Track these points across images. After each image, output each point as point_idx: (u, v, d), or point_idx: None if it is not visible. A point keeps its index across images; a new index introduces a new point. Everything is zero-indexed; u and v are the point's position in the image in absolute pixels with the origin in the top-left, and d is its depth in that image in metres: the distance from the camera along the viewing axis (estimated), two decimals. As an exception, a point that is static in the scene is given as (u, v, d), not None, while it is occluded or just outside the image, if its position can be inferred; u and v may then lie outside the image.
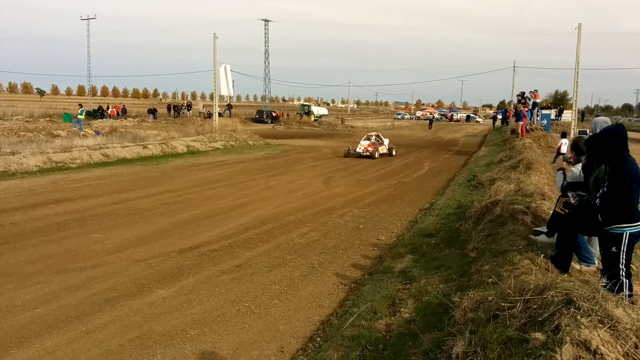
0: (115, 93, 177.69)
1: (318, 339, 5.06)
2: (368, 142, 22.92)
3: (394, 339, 4.60)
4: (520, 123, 24.08)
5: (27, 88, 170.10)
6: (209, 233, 8.92)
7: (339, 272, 7.11)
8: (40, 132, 26.49)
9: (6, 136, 24.06)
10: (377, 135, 24.47)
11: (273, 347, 4.91)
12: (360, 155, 22.03)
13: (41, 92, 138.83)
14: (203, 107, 63.14)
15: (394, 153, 23.68)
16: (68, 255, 7.43)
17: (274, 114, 56.70)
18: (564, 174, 6.07)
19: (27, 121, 38.43)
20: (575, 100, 27.00)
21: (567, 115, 47.90)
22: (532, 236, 6.22)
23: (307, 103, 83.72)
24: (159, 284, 6.43)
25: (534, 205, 7.74)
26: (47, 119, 41.49)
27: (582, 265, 5.35)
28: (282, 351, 4.86)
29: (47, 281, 6.38)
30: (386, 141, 24.10)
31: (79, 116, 29.44)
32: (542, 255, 5.04)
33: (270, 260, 7.57)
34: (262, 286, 6.50)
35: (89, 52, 65.29)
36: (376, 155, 22.06)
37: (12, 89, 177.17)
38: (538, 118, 30.37)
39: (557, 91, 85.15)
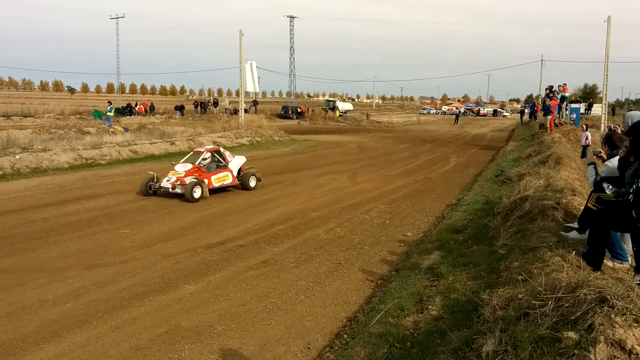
0: (144, 90, 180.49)
1: (345, 335, 5.04)
2: (189, 166, 12.00)
3: (421, 336, 4.55)
4: (549, 117, 23.56)
5: (58, 86, 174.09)
6: (235, 229, 8.98)
7: (365, 269, 7.07)
8: (70, 129, 27.04)
9: (38, 133, 24.65)
10: (216, 153, 12.84)
11: (299, 344, 4.91)
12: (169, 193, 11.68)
13: (72, 90, 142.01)
14: (229, 103, 63.62)
15: (252, 184, 12.88)
16: (98, 251, 7.57)
17: (299, 110, 56.76)
18: (596, 168, 5.91)
19: (58, 118, 39.31)
20: (605, 94, 26.32)
21: (597, 109, 46.70)
22: (563, 232, 6.07)
23: (332, 99, 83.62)
24: (187, 279, 6.50)
25: (564, 201, 7.55)
26: (78, 116, 42.37)
27: (615, 263, 5.19)
28: (309, 348, 4.86)
29: (78, 276, 6.51)
30: (237, 161, 13.09)
31: (108, 113, 30.00)
32: (574, 252, 4.90)
33: (296, 256, 7.58)
34: (288, 282, 6.51)
35: (117, 50, 66.38)
36: (197, 196, 11.20)
37: (43, 87, 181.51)
38: (567, 112, 29.70)
39: (586, 85, 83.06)
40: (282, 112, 55.90)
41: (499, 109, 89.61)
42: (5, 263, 6.93)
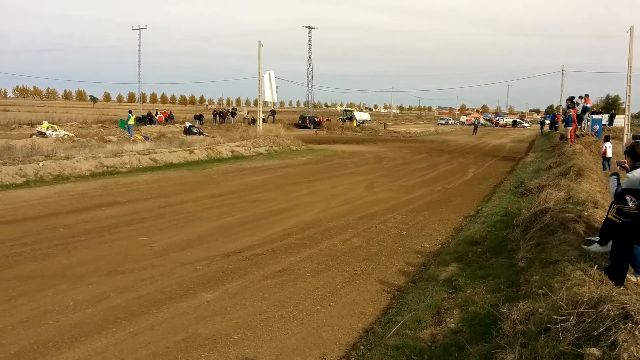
0: (164, 99, 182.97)
1: (361, 347, 5.00)
2: None
3: (439, 349, 4.50)
4: (570, 128, 23.28)
5: (81, 95, 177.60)
6: (252, 237, 9.01)
7: (382, 279, 7.03)
8: (92, 138, 27.52)
9: (61, 141, 25.14)
10: None
11: (316, 354, 4.89)
12: None
13: (94, 99, 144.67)
14: (247, 112, 64.14)
15: None
16: (118, 257, 7.65)
17: (316, 120, 57.00)
18: (618, 179, 5.82)
19: (81, 127, 40.04)
20: (628, 105, 25.96)
21: (620, 121, 45.98)
22: (585, 246, 5.98)
23: (349, 108, 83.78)
24: (204, 287, 6.53)
25: (585, 213, 7.45)
26: (99, 124, 43.12)
27: (638, 278, 5.09)
28: (325, 359, 4.83)
29: (98, 282, 6.59)
30: None
31: (128, 122, 30.45)
32: (596, 266, 4.83)
33: (312, 265, 7.57)
34: (304, 292, 6.51)
35: (139, 60, 67.48)
36: None
37: (67, 96, 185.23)
38: (589, 123, 29.31)
39: (608, 95, 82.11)
40: (300, 121, 56.20)
41: (518, 120, 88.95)
42: (28, 268, 7.05)
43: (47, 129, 30.85)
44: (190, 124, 38.14)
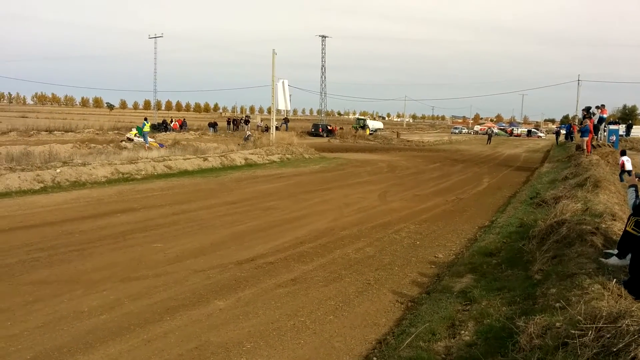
0: (179, 107, 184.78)
1: (374, 358, 4.96)
2: None
3: (453, 362, 4.45)
4: (586, 139, 23.03)
5: (97, 102, 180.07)
6: (265, 245, 9.01)
7: (395, 290, 6.98)
8: (109, 144, 27.80)
9: (78, 148, 25.43)
10: None
11: (328, 364, 4.86)
12: None
13: (110, 106, 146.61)
14: (261, 120, 64.44)
15: None
16: (132, 264, 7.70)
17: (329, 128, 57.10)
18: (637, 191, 5.74)
19: (97, 134, 40.49)
20: (647, 115, 25.60)
21: (637, 131, 45.46)
22: (603, 259, 5.90)
23: (362, 117, 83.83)
24: (217, 295, 6.54)
25: (603, 225, 7.34)
26: (115, 131, 43.57)
27: (658, 292, 5.00)
28: (338, 369, 4.80)
29: (112, 288, 6.63)
30: None
31: (143, 129, 30.73)
32: (614, 279, 4.75)
33: (325, 274, 7.55)
34: (317, 301, 6.48)
35: (155, 68, 68.31)
36: None
37: (84, 103, 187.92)
38: (606, 134, 28.99)
39: (625, 105, 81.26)
40: (313, 129, 56.34)
41: (533, 129, 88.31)
42: (44, 274, 7.12)
43: (135, 135, 32.06)
44: (249, 133, 38.47)
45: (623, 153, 18.35)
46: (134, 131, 33.06)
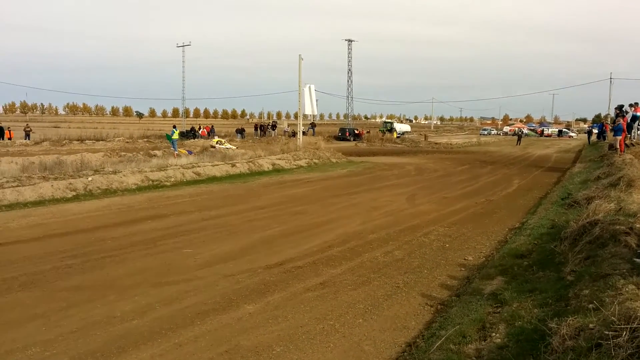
0: (207, 114, 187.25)
1: (404, 361, 4.94)
2: None
3: (484, 365, 4.39)
4: (619, 137, 22.42)
5: (127, 111, 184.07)
6: (293, 250, 9.06)
7: (425, 293, 6.93)
8: (139, 152, 28.38)
9: (109, 156, 26.04)
10: None
11: (358, 368, 4.85)
12: None
13: (140, 115, 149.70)
14: (288, 126, 64.83)
15: None
16: (163, 269, 7.84)
17: (356, 132, 57.04)
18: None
19: (127, 142, 41.39)
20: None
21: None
22: (637, 259, 5.74)
23: (389, 120, 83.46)
24: (246, 299, 6.60)
25: (637, 225, 7.13)
26: (145, 139, 44.43)
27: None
28: (367, 372, 4.79)
29: (144, 294, 6.76)
30: None
31: (172, 136, 31.28)
32: (650, 280, 4.62)
33: (354, 278, 7.54)
34: (346, 305, 6.48)
35: (183, 76, 69.42)
36: None
37: (114, 112, 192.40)
38: (639, 132, 28.16)
39: (661, 102, 78.80)
40: (340, 134, 56.39)
41: (564, 129, 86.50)
42: (78, 280, 7.31)
43: (217, 143, 34.46)
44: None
45: None
46: (216, 138, 34.84)
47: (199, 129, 54.55)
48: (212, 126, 58.62)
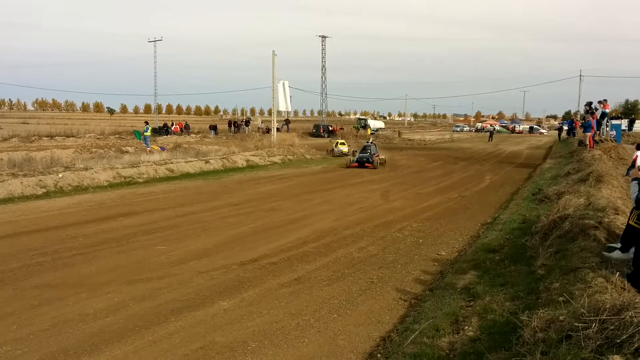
0: (179, 110, 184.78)
1: (379, 355, 4.98)
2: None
3: (457, 358, 4.46)
4: (588, 134, 22.97)
5: (98, 107, 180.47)
6: (268, 246, 9.03)
7: (399, 288, 6.99)
8: (110, 149, 27.84)
9: (80, 153, 25.47)
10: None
11: (333, 362, 4.87)
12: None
13: (111, 111, 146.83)
14: (261, 122, 64.47)
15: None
16: (136, 267, 7.72)
17: (330, 128, 57.06)
18: (640, 184, 5.72)
19: (99, 138, 40.53)
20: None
21: (639, 126, 45.29)
22: (606, 253, 5.89)
23: (363, 117, 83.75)
24: (221, 296, 6.55)
25: (606, 220, 7.33)
26: (117, 136, 43.59)
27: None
28: (343, 366, 4.81)
29: (117, 291, 6.65)
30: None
31: (145, 133, 30.77)
32: (618, 273, 4.75)
33: (328, 274, 7.56)
34: (320, 300, 6.49)
35: (155, 72, 68.24)
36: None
37: (85, 108, 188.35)
38: (608, 129, 28.91)
39: (627, 100, 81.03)
40: (314, 130, 56.31)
41: (535, 126, 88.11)
42: (49, 277, 7.14)
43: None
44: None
45: (639, 147, 18.22)
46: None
47: (172, 125, 53.82)
48: (186, 122, 57.91)
